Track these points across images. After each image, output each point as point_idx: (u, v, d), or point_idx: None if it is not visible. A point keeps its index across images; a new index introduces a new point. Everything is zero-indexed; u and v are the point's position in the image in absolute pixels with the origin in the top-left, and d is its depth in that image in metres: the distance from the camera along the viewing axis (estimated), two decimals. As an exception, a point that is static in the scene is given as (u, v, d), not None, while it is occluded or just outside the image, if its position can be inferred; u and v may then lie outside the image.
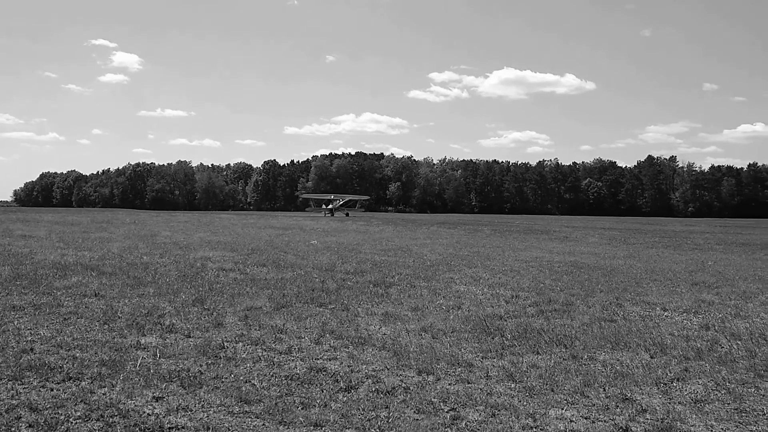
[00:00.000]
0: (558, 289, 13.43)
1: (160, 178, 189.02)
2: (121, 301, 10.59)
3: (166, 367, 6.95)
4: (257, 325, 9.14)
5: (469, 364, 7.44)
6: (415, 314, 10.29)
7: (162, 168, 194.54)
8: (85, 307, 10.09)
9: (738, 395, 6.52)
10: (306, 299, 11.27)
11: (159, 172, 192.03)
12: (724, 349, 8.44)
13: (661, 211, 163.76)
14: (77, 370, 6.70)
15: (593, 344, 8.52)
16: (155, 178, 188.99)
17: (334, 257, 18.64)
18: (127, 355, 7.34)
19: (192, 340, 8.23)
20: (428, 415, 5.80)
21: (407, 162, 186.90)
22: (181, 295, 11.28)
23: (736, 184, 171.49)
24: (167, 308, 10.15)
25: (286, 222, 46.12)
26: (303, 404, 5.98)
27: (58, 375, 6.53)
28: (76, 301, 10.57)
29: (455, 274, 15.62)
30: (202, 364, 7.10)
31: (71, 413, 5.56)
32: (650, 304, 11.82)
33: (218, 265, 15.92)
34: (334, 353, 7.78)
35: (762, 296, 13.11)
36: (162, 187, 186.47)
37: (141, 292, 11.55)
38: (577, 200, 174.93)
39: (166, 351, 7.59)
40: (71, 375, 6.54)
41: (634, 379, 6.99)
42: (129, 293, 11.42)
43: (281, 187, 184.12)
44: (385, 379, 6.75)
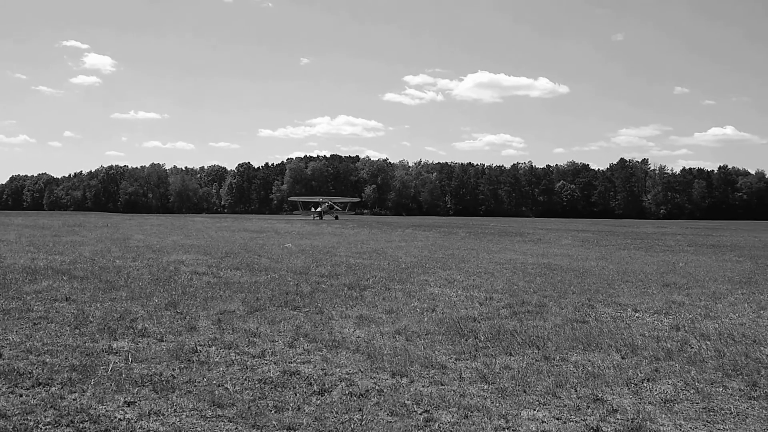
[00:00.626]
0: (531, 290, 13.53)
1: (134, 180, 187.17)
2: (92, 306, 10.49)
3: (138, 371, 6.90)
4: (230, 329, 9.09)
5: (442, 366, 7.47)
6: (390, 317, 10.31)
7: (135, 171, 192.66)
8: (55, 311, 9.97)
9: (706, 395, 6.62)
10: (280, 303, 11.24)
11: (132, 174, 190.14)
12: (694, 349, 8.56)
13: (633, 213, 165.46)
14: (47, 375, 6.62)
15: (565, 345, 8.59)
16: (128, 180, 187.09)
17: (309, 260, 18.61)
18: (99, 360, 7.27)
19: (165, 344, 8.17)
20: (401, 417, 5.82)
21: (383, 164, 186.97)
22: (154, 299, 11.19)
23: (706, 186, 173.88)
24: (140, 312, 10.07)
25: (261, 225, 45.92)
26: (276, 408, 5.96)
27: (27, 381, 6.45)
28: (47, 305, 10.45)
29: (430, 276, 15.67)
30: (174, 368, 7.06)
31: (41, 419, 5.50)
32: (622, 306, 11.95)
33: (192, 268, 15.82)
34: (307, 356, 7.77)
35: (731, 297, 13.31)
36: (135, 190, 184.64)
37: (113, 296, 11.44)
38: (551, 202, 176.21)
39: (138, 355, 7.53)
40: (41, 380, 6.46)
41: (605, 379, 7.06)
42: (101, 297, 11.31)
43: (255, 189, 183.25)
44: (359, 382, 6.76)
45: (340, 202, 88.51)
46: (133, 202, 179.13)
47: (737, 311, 11.61)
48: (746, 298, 13.21)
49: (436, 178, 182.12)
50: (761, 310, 11.71)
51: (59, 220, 49.14)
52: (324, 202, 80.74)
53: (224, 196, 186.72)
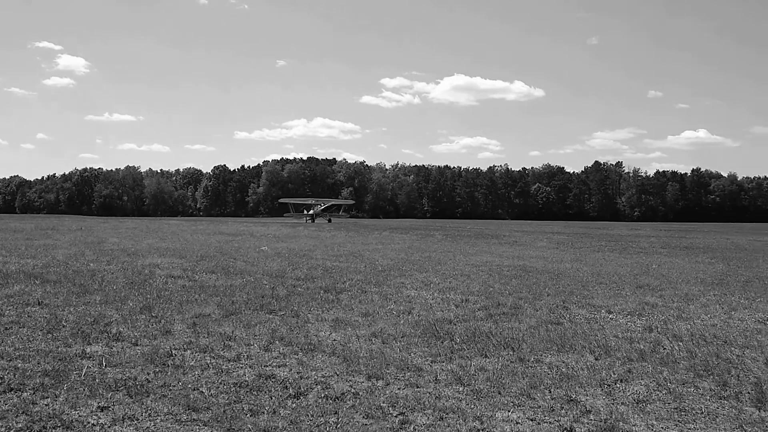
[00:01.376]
0: (507, 292, 13.61)
1: (108, 183, 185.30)
2: (65, 310, 10.38)
3: (112, 376, 6.84)
4: (206, 333, 9.05)
5: (418, 368, 7.50)
6: (366, 320, 10.32)
7: (110, 173, 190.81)
8: (27, 316, 9.85)
9: (678, 395, 6.71)
10: (255, 306, 11.21)
11: (107, 177, 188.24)
12: (666, 350, 8.68)
13: (607, 216, 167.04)
14: (19, 380, 6.55)
15: (540, 347, 8.67)
16: (103, 183, 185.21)
17: (285, 263, 18.56)
18: (72, 365, 7.20)
19: (139, 348, 8.11)
20: (377, 420, 5.84)
21: (360, 167, 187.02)
22: (129, 303, 11.10)
23: (680, 189, 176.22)
24: (114, 316, 9.98)
25: (236, 228, 45.66)
26: (251, 411, 5.95)
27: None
28: (18, 310, 10.31)
29: (406, 279, 15.70)
30: (149, 373, 7.02)
31: (12, 425, 5.44)
32: (596, 307, 12.07)
33: (167, 272, 15.71)
34: (283, 360, 7.76)
35: (703, 298, 13.49)
36: (110, 192, 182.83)
37: (87, 300, 11.32)
38: (527, 205, 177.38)
39: (113, 360, 7.47)
40: (12, 386, 6.39)
41: (579, 380, 7.14)
42: (74, 301, 11.18)
43: (231, 192, 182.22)
44: (335, 385, 6.77)
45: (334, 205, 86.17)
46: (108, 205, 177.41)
47: (709, 312, 11.77)
48: (718, 299, 13.40)
49: (413, 180, 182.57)
50: (732, 312, 11.89)
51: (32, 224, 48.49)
52: (316, 204, 77.53)
53: (200, 198, 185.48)
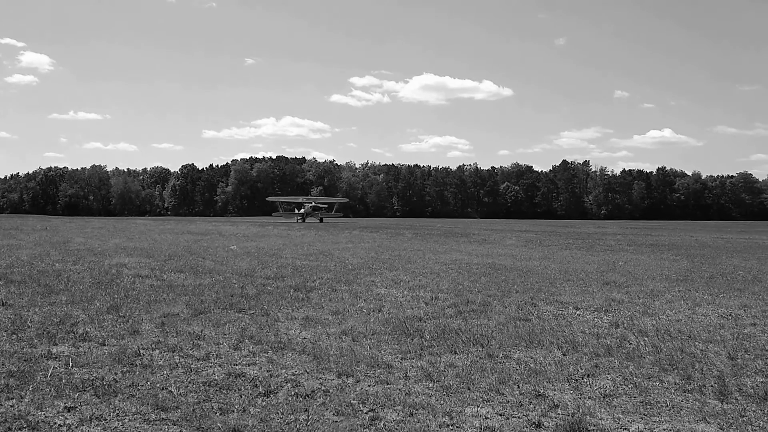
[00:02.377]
0: (476, 290, 13.71)
1: (74, 183, 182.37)
2: (30, 310, 10.23)
3: (78, 376, 6.77)
4: (174, 332, 8.99)
5: (388, 365, 7.53)
6: (336, 318, 10.33)
7: (75, 172, 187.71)
8: (-9, 316, 9.69)
9: (644, 389, 6.83)
10: (225, 305, 11.15)
11: (72, 176, 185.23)
12: (632, 345, 8.81)
13: (575, 214, 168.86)
14: (-17, 382, 6.45)
15: (509, 343, 8.75)
16: (68, 182, 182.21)
17: (254, 262, 18.48)
18: (37, 366, 7.11)
19: (107, 348, 8.04)
20: (347, 416, 5.86)
21: (329, 166, 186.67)
22: (96, 303, 10.98)
23: (646, 187, 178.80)
24: (80, 316, 9.87)
25: (205, 227, 45.33)
26: (221, 410, 5.93)
27: (-38, 388, 6.27)
28: (-18, 310, 10.14)
29: (376, 277, 15.73)
30: (117, 372, 6.96)
31: (-23, 426, 5.36)
32: (563, 304, 12.21)
33: (134, 271, 15.56)
34: (253, 358, 7.74)
35: (668, 294, 13.71)
36: (75, 192, 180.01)
37: (52, 301, 11.17)
38: (496, 204, 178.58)
39: (79, 360, 7.39)
40: (-23, 387, 6.29)
41: (547, 375, 7.22)
42: (39, 302, 11.03)
43: (200, 191, 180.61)
44: (305, 383, 6.77)
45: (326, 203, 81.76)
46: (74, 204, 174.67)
47: (674, 308, 11.97)
48: (682, 295, 13.63)
49: (383, 179, 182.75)
50: (696, 307, 12.10)
51: (-5, 224, 47.65)
52: (307, 203, 73.69)
53: (168, 198, 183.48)
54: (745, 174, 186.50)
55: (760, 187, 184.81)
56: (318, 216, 71.79)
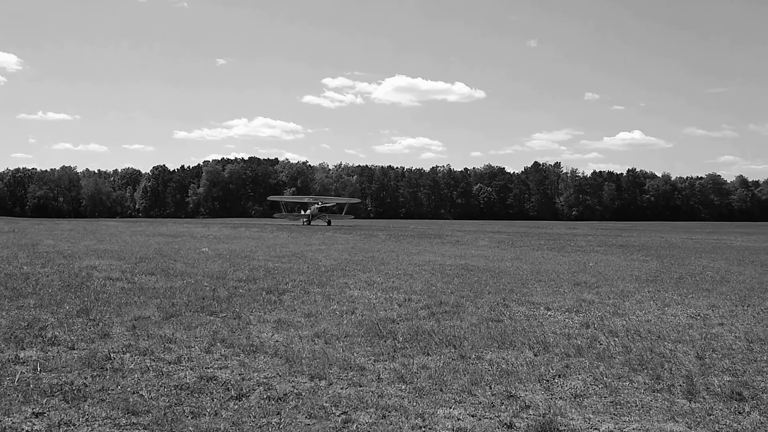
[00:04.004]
0: (449, 291, 13.76)
1: (43, 184, 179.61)
2: (-3, 314, 10.06)
3: (47, 381, 6.69)
4: (146, 335, 8.91)
5: (361, 367, 7.53)
6: (309, 320, 10.30)
7: (44, 174, 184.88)
8: (-43, 321, 9.52)
9: (614, 389, 6.91)
10: (196, 308, 11.07)
11: (41, 178, 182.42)
12: (603, 345, 8.91)
13: (546, 215, 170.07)
14: (-51, 387, 6.34)
15: (481, 344, 8.80)
16: (37, 184, 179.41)
17: (226, 265, 18.36)
18: (4, 371, 7.00)
19: (76, 352, 7.94)
20: (320, 419, 5.85)
21: (302, 167, 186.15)
22: (65, 306, 10.83)
23: (616, 188, 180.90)
24: (49, 320, 9.73)
25: (176, 229, 44.91)
26: (193, 414, 5.90)
27: (-73, 394, 6.16)
28: (-52, 315, 9.96)
29: (350, 279, 15.71)
30: (86, 377, 6.88)
31: (-58, 433, 5.27)
32: (535, 304, 12.30)
33: (105, 274, 15.38)
34: (225, 362, 7.70)
35: (638, 295, 13.87)
36: (45, 193, 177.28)
37: (20, 304, 11.00)
38: (469, 205, 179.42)
39: (48, 364, 7.29)
40: (-58, 393, 6.18)
41: (519, 376, 7.28)
42: (6, 305, 10.85)
43: (171, 193, 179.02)
44: (277, 386, 6.75)
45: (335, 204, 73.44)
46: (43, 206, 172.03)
47: (643, 308, 12.11)
48: (652, 295, 13.80)
49: (356, 180, 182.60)
50: (665, 307, 12.26)
51: (-39, 226, 46.83)
52: (313, 203, 65.92)
53: (139, 199, 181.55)
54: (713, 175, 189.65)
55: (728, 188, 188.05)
56: (326, 218, 64.75)
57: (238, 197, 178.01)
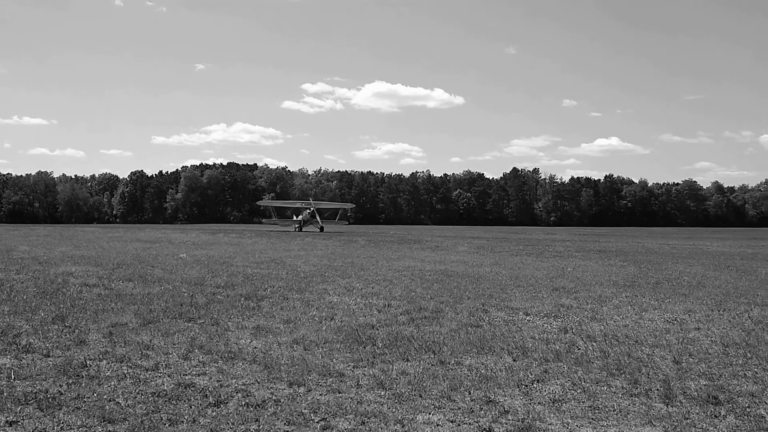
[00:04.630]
0: (428, 297, 13.77)
1: (18, 189, 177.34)
2: (-29, 322, 9.91)
3: (21, 389, 6.59)
4: (123, 342, 8.82)
5: (340, 373, 7.51)
6: (288, 326, 10.26)
7: (20, 179, 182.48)
8: (-70, 328, 9.37)
9: (592, 393, 6.94)
10: (174, 314, 10.98)
11: (16, 183, 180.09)
12: (581, 350, 8.95)
13: (525, 221, 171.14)
14: None
15: (460, 349, 8.81)
16: (12, 189, 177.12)
17: (204, 271, 18.25)
18: (-22, 379, 6.90)
19: (51, 359, 7.84)
20: (298, 426, 5.82)
21: (282, 173, 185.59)
22: (40, 313, 10.70)
23: (593, 194, 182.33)
24: (24, 327, 9.61)
25: (154, 235, 44.59)
26: (170, 421, 5.84)
27: None
28: None
29: (329, 285, 15.67)
30: (62, 384, 6.79)
31: None
32: (514, 309, 12.34)
33: (81, 280, 15.22)
34: (203, 368, 7.64)
35: (615, 300, 13.97)
36: (20, 199, 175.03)
37: (-6, 311, 10.85)
38: (449, 210, 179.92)
39: (22, 372, 7.19)
40: None
41: (498, 381, 7.29)
42: (-20, 313, 10.70)
43: (149, 198, 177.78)
44: (256, 393, 6.71)
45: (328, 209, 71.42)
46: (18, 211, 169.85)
47: (621, 313, 12.19)
48: (629, 300, 13.89)
49: (336, 186, 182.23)
50: (643, 312, 12.35)
51: (-66, 232, 46.20)
52: (305, 208, 62.92)
53: (116, 205, 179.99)
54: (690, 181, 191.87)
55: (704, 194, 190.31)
56: (318, 224, 61.53)
57: (216, 203, 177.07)
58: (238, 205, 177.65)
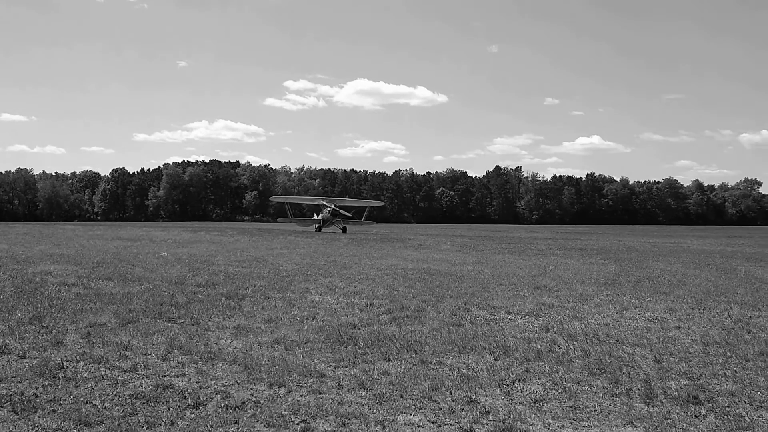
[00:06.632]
0: (411, 295, 13.74)
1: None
2: (-54, 322, 9.76)
3: (-4, 391, 6.48)
4: (101, 343, 8.72)
5: (321, 374, 7.46)
6: (269, 326, 10.18)
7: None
8: None
9: (573, 393, 6.94)
10: (154, 314, 10.87)
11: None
12: (562, 349, 8.96)
13: (508, 219, 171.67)
14: None
15: (442, 349, 8.79)
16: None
17: (185, 269, 18.10)
18: (-48, 381, 6.78)
19: (27, 360, 7.72)
20: (278, 428, 5.77)
21: (264, 170, 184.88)
22: (17, 313, 10.55)
23: (575, 192, 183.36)
24: (0, 327, 9.47)
25: (136, 233, 44.22)
26: (148, 423, 5.77)
27: None
28: None
29: (311, 284, 15.60)
30: (37, 387, 6.69)
31: None
32: (495, 308, 12.34)
33: (60, 279, 15.04)
34: (182, 369, 7.56)
35: (597, 298, 14.01)
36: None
37: (-30, 311, 10.69)
38: (432, 208, 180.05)
39: (-3, 374, 7.08)
40: None
41: (479, 381, 7.27)
42: (-44, 313, 10.54)
43: (131, 196, 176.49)
44: (235, 394, 6.65)
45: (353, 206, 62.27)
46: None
47: (602, 312, 12.23)
48: (610, 299, 13.94)
49: (319, 184, 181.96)
50: (624, 311, 12.40)
51: None
52: (325, 206, 55.50)
53: (98, 202, 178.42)
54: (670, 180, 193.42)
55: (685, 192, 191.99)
56: (340, 224, 55.01)
57: (198, 200, 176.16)
58: (220, 202, 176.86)
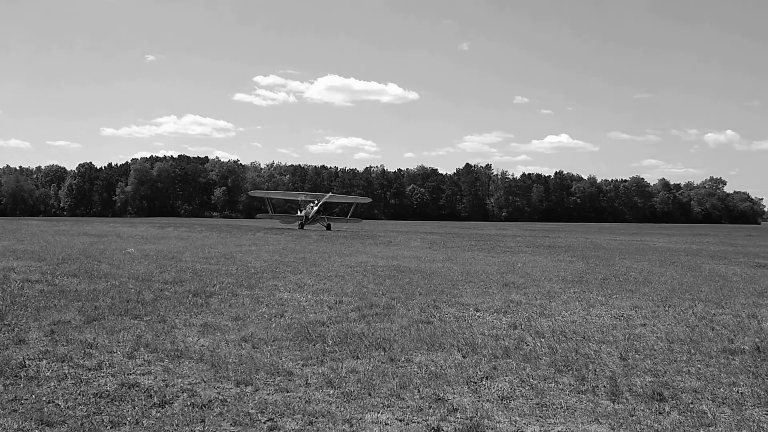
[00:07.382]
0: (380, 293, 13.72)
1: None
2: None
3: (-45, 391, 6.35)
4: (65, 340, 8.58)
5: (289, 372, 7.42)
6: (236, 324, 10.11)
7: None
8: None
9: (540, 390, 6.98)
10: (120, 311, 10.73)
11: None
12: (529, 346, 9.01)
13: (477, 216, 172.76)
14: None
15: (410, 346, 8.79)
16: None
17: (152, 266, 17.89)
18: None
19: (-12, 359, 7.57)
20: (245, 427, 5.72)
21: (233, 166, 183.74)
22: (-22, 311, 10.35)
23: (544, 190, 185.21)
24: (-40, 325, 9.28)
25: (102, 228, 43.63)
26: (112, 422, 5.69)
27: None
28: None
29: (280, 281, 15.51)
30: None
31: None
32: (464, 305, 12.39)
33: (23, 276, 14.78)
34: (148, 367, 7.47)
35: (564, 295, 14.13)
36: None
37: (-71, 309, 10.46)
38: (402, 205, 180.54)
39: (-43, 373, 6.93)
40: None
41: (447, 379, 7.29)
42: None
43: (98, 191, 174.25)
44: (202, 393, 6.58)
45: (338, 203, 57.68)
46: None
47: (569, 309, 12.34)
48: (577, 296, 14.07)
49: (289, 180, 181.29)
50: (590, 308, 12.52)
51: None
52: (308, 201, 52.52)
53: (64, 197, 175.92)
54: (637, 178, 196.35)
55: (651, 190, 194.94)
56: (324, 221, 52.21)
57: (167, 196, 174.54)
58: (188, 198, 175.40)
